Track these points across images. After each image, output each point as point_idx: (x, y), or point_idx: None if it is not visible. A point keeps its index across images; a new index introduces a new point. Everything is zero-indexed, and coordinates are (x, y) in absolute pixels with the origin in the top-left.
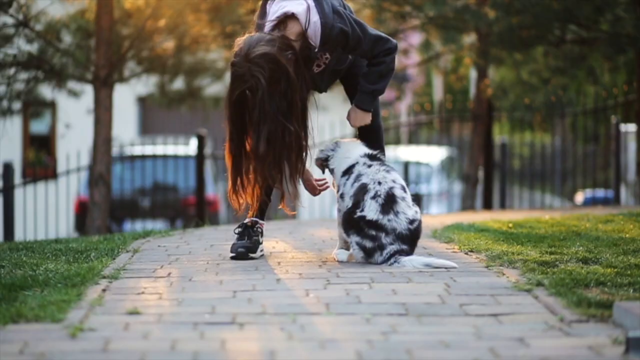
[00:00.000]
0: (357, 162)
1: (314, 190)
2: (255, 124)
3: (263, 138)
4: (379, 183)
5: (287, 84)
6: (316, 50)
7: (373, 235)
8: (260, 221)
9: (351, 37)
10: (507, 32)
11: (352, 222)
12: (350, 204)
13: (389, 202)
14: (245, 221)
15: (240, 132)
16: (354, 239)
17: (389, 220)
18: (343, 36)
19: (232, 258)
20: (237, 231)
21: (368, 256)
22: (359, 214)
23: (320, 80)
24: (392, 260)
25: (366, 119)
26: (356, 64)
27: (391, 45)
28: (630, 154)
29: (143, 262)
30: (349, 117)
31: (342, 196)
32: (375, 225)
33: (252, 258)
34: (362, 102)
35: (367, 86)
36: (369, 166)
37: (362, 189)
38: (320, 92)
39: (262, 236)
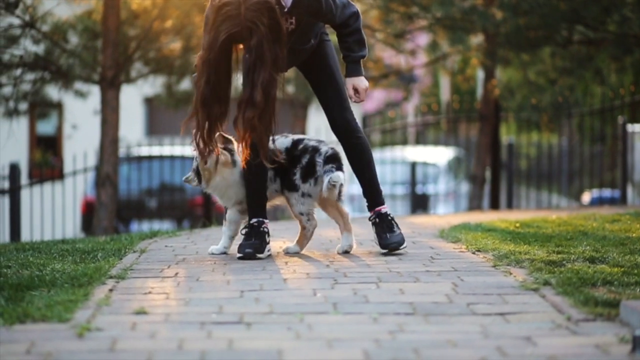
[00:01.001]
0: None
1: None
2: (250, 70)
3: (260, 86)
4: None
5: (278, 36)
6: (285, 10)
7: None
8: (266, 221)
9: (325, 5)
10: (515, 32)
11: None
12: None
13: None
14: (251, 221)
15: (221, 76)
16: None
17: None
18: (317, 3)
19: (240, 258)
20: (243, 232)
21: None
22: None
23: None
24: None
25: (365, 82)
26: (321, 53)
27: (354, 8)
28: (637, 154)
29: (150, 262)
30: (355, 92)
31: None
32: None
33: (260, 258)
34: (356, 70)
35: (354, 55)
36: None
37: None
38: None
39: (268, 236)
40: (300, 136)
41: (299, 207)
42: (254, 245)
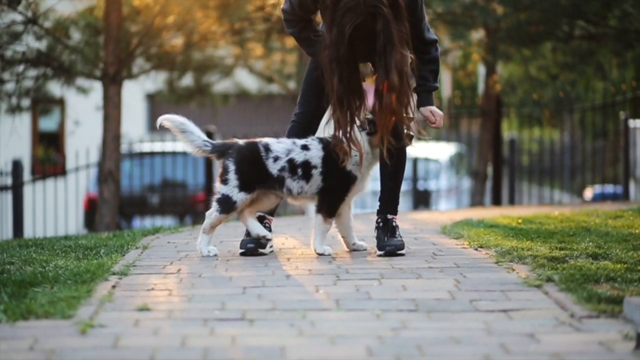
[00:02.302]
0: None
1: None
2: (381, 55)
3: (394, 69)
4: None
5: (399, 12)
6: None
7: None
8: (269, 217)
9: (420, 6)
10: (516, 28)
11: None
12: None
13: None
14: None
15: (352, 70)
16: None
17: None
18: (414, 3)
19: (242, 254)
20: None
21: None
22: None
23: None
24: None
25: (440, 111)
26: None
27: (435, 36)
28: (639, 149)
29: (153, 258)
30: (431, 121)
31: None
32: None
33: (262, 254)
34: (430, 100)
35: (430, 85)
36: None
37: None
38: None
39: (270, 232)
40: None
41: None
42: (256, 241)
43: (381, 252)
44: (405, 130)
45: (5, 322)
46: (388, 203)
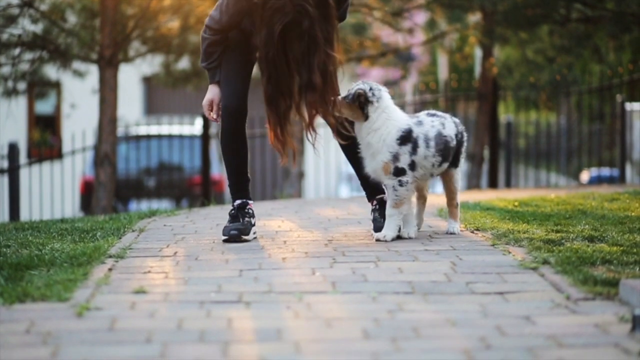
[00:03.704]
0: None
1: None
2: (303, 56)
3: (317, 68)
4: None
5: (326, 12)
6: None
7: None
8: (250, 202)
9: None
10: (512, 10)
11: None
12: None
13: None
14: (235, 203)
15: (281, 70)
16: None
17: None
18: None
19: (225, 241)
20: (230, 213)
21: None
22: None
23: None
24: None
25: None
26: None
27: None
28: (636, 132)
29: (149, 241)
30: None
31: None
32: None
33: (245, 240)
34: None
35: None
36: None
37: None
38: None
39: (254, 217)
40: (450, 117)
41: (459, 182)
42: (239, 227)
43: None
44: (333, 127)
45: (2, 305)
46: (373, 186)
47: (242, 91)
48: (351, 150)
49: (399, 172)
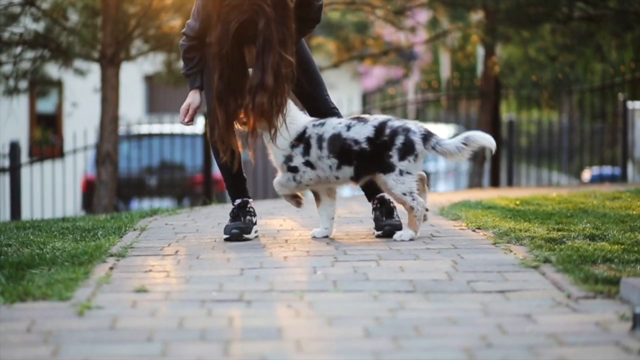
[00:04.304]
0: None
1: None
2: (259, 54)
3: (270, 69)
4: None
5: (284, 14)
6: None
7: None
8: (250, 200)
9: None
10: (515, 9)
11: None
12: None
13: None
14: (236, 202)
15: (234, 68)
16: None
17: None
18: None
19: (227, 240)
20: (232, 212)
21: None
22: None
23: None
24: None
25: None
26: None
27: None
28: (637, 131)
29: (150, 240)
30: None
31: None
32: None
33: (247, 239)
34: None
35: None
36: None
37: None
38: None
39: (255, 216)
40: (380, 118)
41: (399, 187)
42: (241, 226)
43: (379, 233)
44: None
45: (3, 304)
46: (373, 184)
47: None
48: None
49: (291, 169)
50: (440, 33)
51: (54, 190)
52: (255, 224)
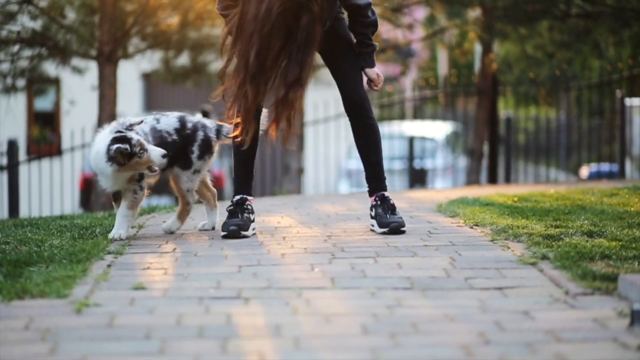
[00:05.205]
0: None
1: None
2: (299, 49)
3: (307, 66)
4: None
5: (323, 16)
6: None
7: None
8: (249, 197)
9: None
10: (512, 6)
11: None
12: None
13: None
14: (235, 199)
15: (272, 51)
16: None
17: None
18: None
19: (224, 237)
20: (228, 209)
21: None
22: None
23: None
24: None
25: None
26: (337, 29)
27: (369, 0)
28: (635, 127)
29: (148, 237)
30: (373, 81)
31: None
32: None
33: (245, 236)
34: (372, 61)
35: (375, 46)
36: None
37: None
38: None
39: (253, 213)
40: (178, 113)
41: (188, 184)
42: (239, 223)
43: (385, 229)
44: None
45: (1, 302)
46: (378, 180)
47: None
48: (361, 141)
49: (141, 177)
50: (437, 30)
51: (52, 188)
52: (253, 221)
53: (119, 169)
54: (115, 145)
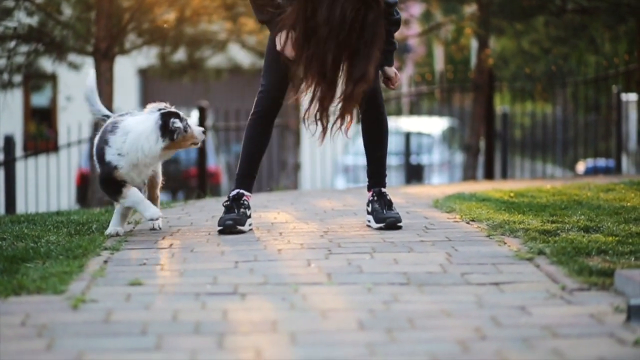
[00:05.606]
0: None
1: None
2: (367, 45)
3: (373, 62)
4: None
5: (383, 11)
6: None
7: None
8: (247, 193)
9: None
10: (508, 1)
11: None
12: None
13: None
14: (232, 194)
15: (347, 54)
16: None
17: None
18: None
19: (220, 232)
20: (225, 204)
21: None
22: None
23: None
24: None
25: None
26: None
27: None
28: (631, 123)
29: (145, 233)
30: (391, 79)
31: None
32: None
33: (241, 231)
34: (392, 60)
35: (396, 45)
36: None
37: None
38: None
39: (249, 209)
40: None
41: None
42: (235, 218)
43: (381, 225)
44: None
45: None
46: (379, 175)
47: (284, 82)
48: (368, 135)
49: None
50: (433, 26)
51: (49, 184)
52: (249, 216)
53: (169, 145)
54: (172, 119)
